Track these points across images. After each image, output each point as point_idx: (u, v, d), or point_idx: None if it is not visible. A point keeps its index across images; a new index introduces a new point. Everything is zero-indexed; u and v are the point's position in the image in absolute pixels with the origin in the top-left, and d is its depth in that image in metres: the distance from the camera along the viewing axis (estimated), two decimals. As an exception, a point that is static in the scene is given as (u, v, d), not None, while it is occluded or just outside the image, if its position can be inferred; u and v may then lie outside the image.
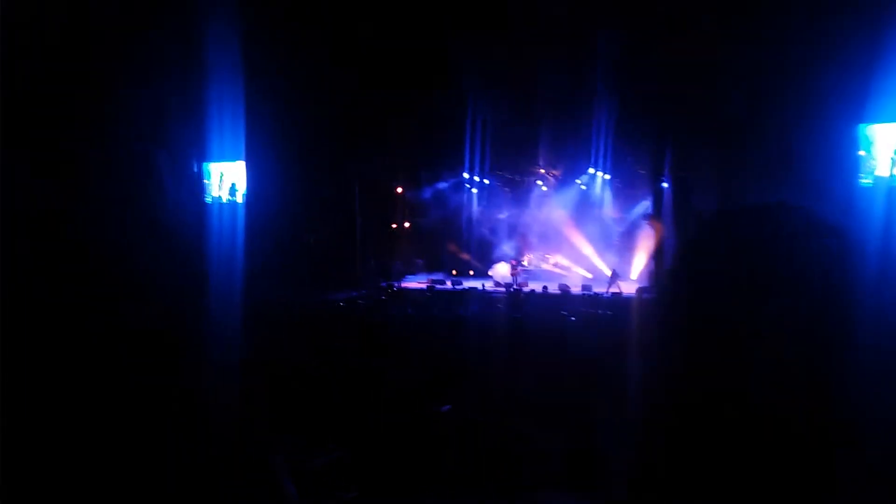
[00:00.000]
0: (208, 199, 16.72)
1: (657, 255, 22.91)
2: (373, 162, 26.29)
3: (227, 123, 13.34)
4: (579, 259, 28.24)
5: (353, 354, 5.60)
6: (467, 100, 23.46)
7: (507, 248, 29.15)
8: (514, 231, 29.33)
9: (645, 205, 25.17)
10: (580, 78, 20.82)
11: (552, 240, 28.88)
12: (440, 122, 24.98)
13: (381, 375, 4.30)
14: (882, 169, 12.59)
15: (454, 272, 28.65)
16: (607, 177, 27.19)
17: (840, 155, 12.82)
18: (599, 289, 22.71)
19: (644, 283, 23.44)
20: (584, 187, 27.70)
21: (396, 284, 25.12)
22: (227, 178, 17.81)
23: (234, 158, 17.40)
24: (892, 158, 12.48)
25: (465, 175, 28.84)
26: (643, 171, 25.01)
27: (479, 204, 29.77)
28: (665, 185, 22.37)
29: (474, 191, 29.60)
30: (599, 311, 12.50)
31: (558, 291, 22.52)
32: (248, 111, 13.58)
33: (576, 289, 23.28)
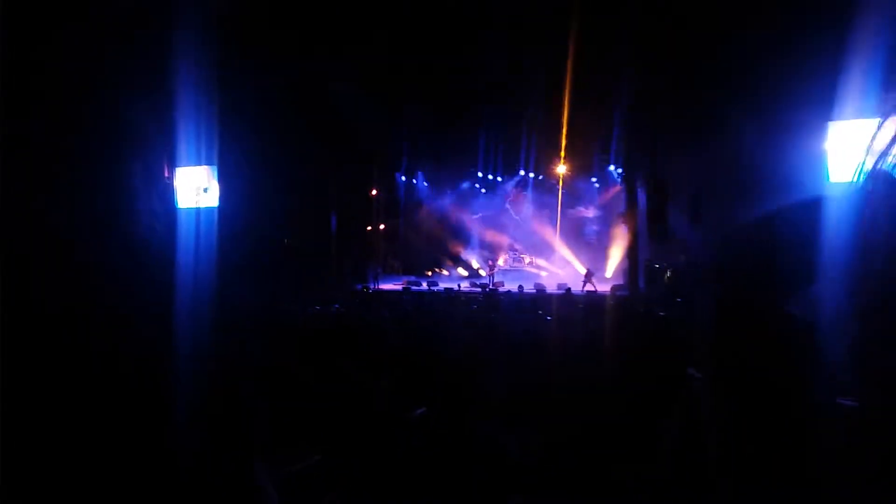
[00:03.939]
0: (180, 205, 16.58)
1: (631, 253, 23.11)
2: (347, 164, 26.23)
3: (199, 127, 13.23)
4: (554, 258, 28.42)
5: (327, 358, 5.57)
6: (442, 100, 23.42)
7: (482, 248, 29.26)
8: (490, 231, 29.45)
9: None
10: (555, 77, 20.89)
11: (528, 240, 29.04)
12: (415, 124, 24.95)
13: (355, 379, 4.29)
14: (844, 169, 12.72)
15: (429, 273, 28.71)
16: (582, 174, 27.45)
17: (809, 153, 13.00)
18: (575, 287, 22.87)
19: (618, 281, 23.64)
20: (559, 185, 27.86)
21: (372, 286, 25.09)
22: (199, 183, 17.66)
23: (206, 163, 17.27)
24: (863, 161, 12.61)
25: (441, 176, 28.93)
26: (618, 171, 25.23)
27: (454, 204, 29.85)
28: (639, 182, 22.58)
29: (448, 191, 29.69)
30: (574, 310, 12.55)
31: (534, 291, 22.64)
32: (220, 114, 13.48)
33: (551, 288, 23.44)
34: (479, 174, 28.22)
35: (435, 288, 23.94)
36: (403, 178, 29.14)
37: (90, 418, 0.91)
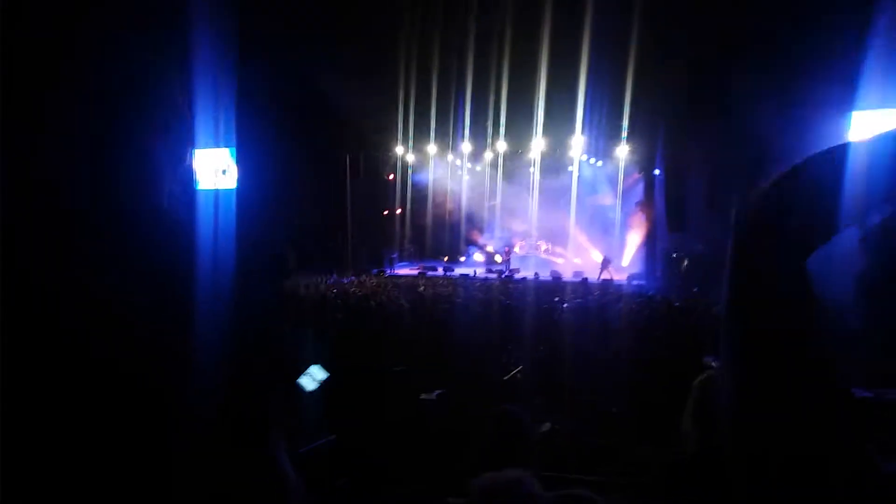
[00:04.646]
0: (199, 187, 16.67)
1: (648, 241, 22.99)
2: (364, 148, 26.23)
3: (218, 110, 13.27)
4: (571, 245, 28.30)
5: (343, 341, 5.61)
6: (460, 84, 23.29)
7: (499, 234, 29.19)
8: (507, 217, 29.36)
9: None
10: (573, 62, 20.74)
11: (545, 227, 28.92)
12: (433, 108, 24.86)
13: (371, 362, 4.33)
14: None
15: (445, 258, 28.69)
16: (599, 163, 27.24)
17: (830, 142, 12.82)
18: (591, 275, 22.80)
19: (635, 270, 23.53)
20: (576, 173, 27.68)
21: (388, 271, 25.14)
22: (218, 165, 17.75)
23: (224, 145, 17.36)
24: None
25: (458, 161, 28.85)
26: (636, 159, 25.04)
27: (470, 189, 29.77)
28: (657, 171, 22.40)
29: (466, 177, 29.62)
30: (590, 298, 12.53)
31: (550, 278, 22.59)
32: (238, 97, 13.51)
33: (567, 275, 23.37)
34: (494, 159, 28.11)
35: (450, 273, 23.95)
36: (419, 163, 29.09)
37: (111, 394, 0.93)
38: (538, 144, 25.67)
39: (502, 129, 25.40)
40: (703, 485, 1.78)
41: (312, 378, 3.93)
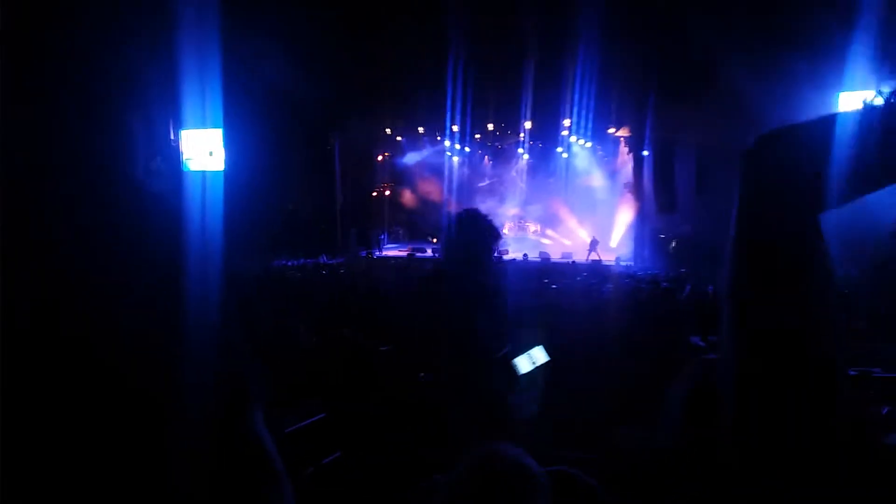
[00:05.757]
0: (185, 168, 16.51)
1: (636, 223, 23.05)
2: (353, 129, 26.09)
3: (204, 89, 13.13)
4: (559, 227, 28.37)
5: (332, 321, 5.60)
6: (448, 64, 23.13)
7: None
8: (495, 198, 29.37)
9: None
10: (561, 43, 20.65)
11: (534, 208, 28.98)
12: (421, 88, 24.73)
13: (360, 341, 4.32)
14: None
15: (434, 240, 28.68)
16: (588, 145, 27.22)
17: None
18: (579, 256, 22.89)
19: (623, 251, 23.63)
20: (564, 155, 27.65)
21: (377, 252, 25.11)
22: (204, 146, 17.59)
23: (211, 125, 17.20)
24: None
25: (447, 142, 28.78)
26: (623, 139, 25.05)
27: (459, 171, 29.74)
28: (646, 152, 22.40)
29: (455, 158, 29.55)
30: (578, 279, 12.56)
31: (539, 259, 22.64)
32: (225, 76, 13.37)
33: (556, 256, 23.45)
34: (483, 140, 28.10)
35: (439, 255, 23.92)
36: (408, 144, 29.02)
37: (90, 383, 0.91)
38: (528, 126, 25.63)
39: (492, 111, 25.31)
40: (692, 473, 1.78)
41: (531, 359, 3.83)
